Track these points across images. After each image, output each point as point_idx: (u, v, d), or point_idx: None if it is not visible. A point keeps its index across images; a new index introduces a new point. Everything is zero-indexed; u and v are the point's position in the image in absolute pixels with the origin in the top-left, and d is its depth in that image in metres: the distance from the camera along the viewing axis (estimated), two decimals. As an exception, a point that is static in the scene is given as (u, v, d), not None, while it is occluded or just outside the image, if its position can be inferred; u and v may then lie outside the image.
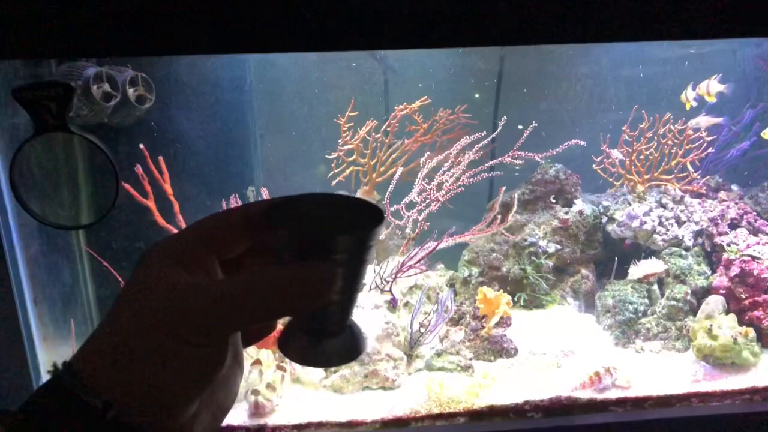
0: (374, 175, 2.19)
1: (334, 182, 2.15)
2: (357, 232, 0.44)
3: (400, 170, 2.02)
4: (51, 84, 1.32)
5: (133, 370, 0.41)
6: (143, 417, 0.41)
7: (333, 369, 1.83)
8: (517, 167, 1.98)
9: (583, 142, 1.90)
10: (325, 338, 0.48)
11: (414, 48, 1.21)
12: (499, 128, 1.92)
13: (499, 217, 2.03)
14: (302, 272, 0.43)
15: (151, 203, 1.87)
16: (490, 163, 1.97)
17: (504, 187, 2.06)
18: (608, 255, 2.25)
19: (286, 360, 1.83)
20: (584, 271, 2.21)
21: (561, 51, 2.18)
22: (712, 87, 2.02)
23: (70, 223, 1.86)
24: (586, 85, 2.34)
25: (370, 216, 0.47)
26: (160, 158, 1.83)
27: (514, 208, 2.06)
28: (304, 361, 0.49)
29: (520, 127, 1.92)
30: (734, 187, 2.24)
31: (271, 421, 1.68)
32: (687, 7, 1.18)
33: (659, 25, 1.23)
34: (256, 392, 1.69)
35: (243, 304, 0.42)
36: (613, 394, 1.76)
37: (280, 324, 0.51)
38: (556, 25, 1.20)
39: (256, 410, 1.68)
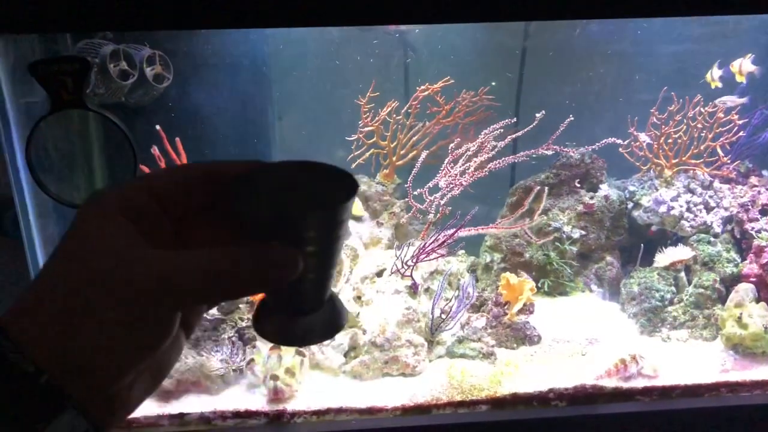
0: (394, 158, 2.15)
1: (353, 165, 2.11)
2: (326, 208, 0.42)
3: (424, 153, 1.98)
4: (67, 59, 1.30)
5: (69, 334, 0.38)
6: (77, 383, 0.38)
7: (353, 355, 1.80)
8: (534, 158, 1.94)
9: (620, 141, 1.85)
10: (302, 316, 0.47)
11: (428, 23, 1.17)
12: (535, 122, 1.87)
13: (525, 204, 1.98)
14: (264, 254, 0.41)
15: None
16: (514, 157, 1.93)
17: (538, 188, 2.02)
18: (633, 241, 2.20)
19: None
20: (609, 258, 2.15)
21: (589, 28, 2.12)
22: (744, 66, 1.96)
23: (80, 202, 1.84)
24: (612, 65, 2.28)
25: (343, 188, 0.44)
26: (177, 139, 1.80)
27: (540, 209, 2.02)
28: (282, 340, 0.48)
29: (539, 115, 1.86)
30: (765, 173, 2.18)
31: (290, 406, 1.65)
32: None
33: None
34: (275, 377, 1.67)
35: (197, 284, 0.40)
36: (639, 383, 1.72)
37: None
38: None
39: (275, 395, 1.66)
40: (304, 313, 0.47)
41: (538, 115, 1.86)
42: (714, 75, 2.01)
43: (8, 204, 1.45)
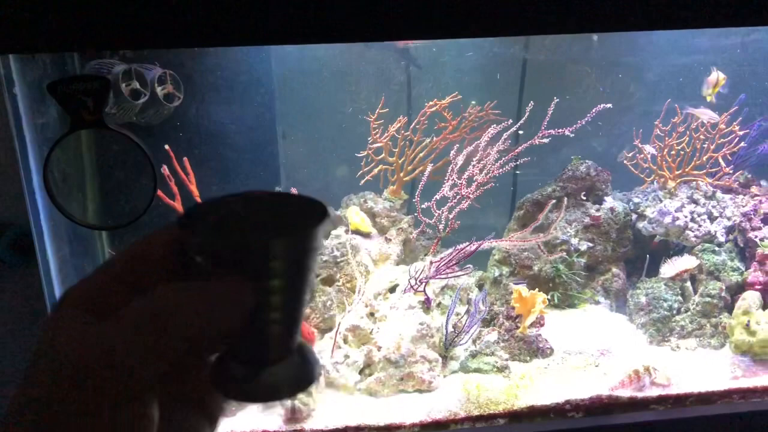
0: (402, 174, 2.15)
1: (362, 182, 2.11)
2: (293, 234, 0.37)
3: (430, 167, 1.99)
4: (87, 78, 1.28)
5: None
6: None
7: (368, 372, 1.79)
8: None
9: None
10: (267, 366, 0.40)
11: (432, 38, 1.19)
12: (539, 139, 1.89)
13: (539, 218, 2.00)
14: (215, 288, 0.38)
15: (177, 204, 1.82)
16: (516, 151, 1.94)
17: (552, 201, 2.03)
18: (637, 253, 2.23)
19: (321, 363, 1.78)
20: (615, 270, 2.17)
21: (589, 40, 2.15)
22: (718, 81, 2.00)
23: (98, 224, 1.82)
24: (616, 77, 2.31)
25: (313, 214, 0.39)
26: (185, 159, 1.79)
27: (555, 226, 2.03)
28: (242, 396, 0.40)
29: (544, 133, 1.88)
30: (763, 183, 2.22)
31: (308, 425, 1.64)
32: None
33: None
34: (292, 396, 1.65)
35: (152, 334, 0.37)
36: (653, 392, 1.73)
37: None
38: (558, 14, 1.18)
39: (293, 415, 1.64)
40: (268, 363, 0.40)
41: (540, 140, 1.88)
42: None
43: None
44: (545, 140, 1.87)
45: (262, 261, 0.37)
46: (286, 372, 0.41)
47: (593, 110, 1.80)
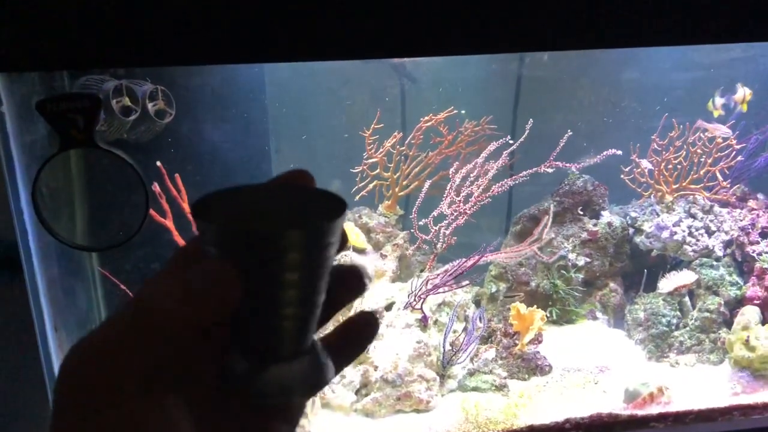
0: (397, 189, 2.13)
1: (357, 197, 2.09)
2: (311, 224, 0.36)
3: (427, 183, 1.96)
4: (77, 96, 1.24)
5: None
6: None
7: (364, 392, 1.75)
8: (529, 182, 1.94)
9: (619, 152, 1.86)
10: (278, 363, 0.39)
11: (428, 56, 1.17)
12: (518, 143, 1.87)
13: (535, 233, 1.98)
14: (208, 271, 0.36)
15: (169, 223, 1.78)
16: (518, 176, 1.92)
17: (547, 217, 2.01)
18: (634, 268, 2.21)
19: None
20: (612, 285, 2.16)
21: (585, 55, 2.15)
22: (746, 95, 2.00)
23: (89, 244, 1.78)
24: (610, 92, 2.31)
25: (330, 206, 0.38)
26: (177, 176, 1.76)
27: (546, 230, 2.01)
28: (253, 394, 0.39)
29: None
30: (760, 196, 2.21)
31: (303, 448, 1.60)
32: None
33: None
34: (287, 418, 1.61)
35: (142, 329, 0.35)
36: (654, 410, 1.70)
37: None
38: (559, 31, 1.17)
39: (288, 438, 1.60)
40: (280, 359, 0.39)
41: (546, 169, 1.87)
42: (716, 103, 2.05)
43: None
44: (550, 170, 1.86)
45: (276, 252, 0.35)
46: (299, 370, 0.39)
47: (603, 153, 1.80)
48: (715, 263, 2.04)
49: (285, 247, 0.35)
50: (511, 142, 1.90)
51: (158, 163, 1.72)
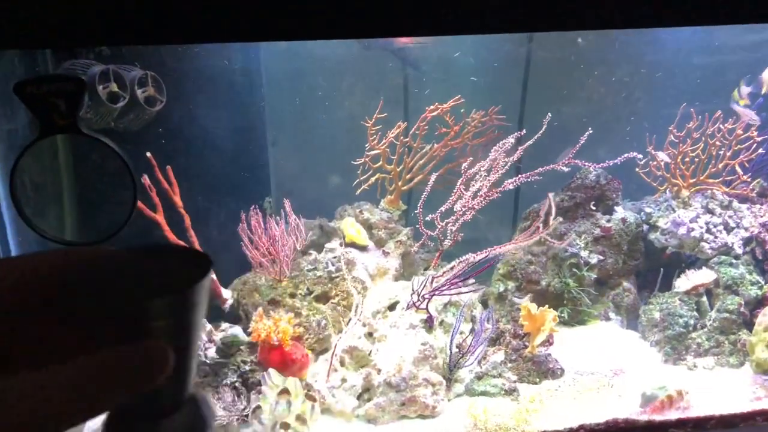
0: (400, 183, 2.03)
1: (358, 191, 1.99)
2: (177, 290, 0.36)
3: (433, 176, 1.86)
4: (60, 78, 1.14)
5: None
6: None
7: (366, 397, 1.66)
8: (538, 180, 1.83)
9: (639, 155, 1.76)
10: (156, 419, 0.40)
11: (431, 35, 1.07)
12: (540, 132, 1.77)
13: (541, 224, 1.88)
14: (110, 359, 0.34)
15: (159, 217, 1.69)
16: (533, 173, 1.82)
17: (553, 204, 1.91)
18: (648, 266, 2.11)
19: (316, 387, 1.66)
20: (626, 284, 2.06)
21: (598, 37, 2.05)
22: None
23: (73, 238, 1.68)
24: (625, 77, 2.21)
25: (196, 267, 0.38)
26: (168, 168, 1.66)
27: (553, 214, 1.90)
28: None
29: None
30: (779, 191, 2.13)
31: (303, 457, 1.51)
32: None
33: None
34: (285, 425, 1.52)
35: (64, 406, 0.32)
36: (672, 415, 1.62)
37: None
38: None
39: (287, 446, 1.51)
40: (159, 416, 0.40)
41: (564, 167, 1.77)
42: (742, 92, 1.95)
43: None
44: (567, 168, 1.76)
45: (150, 318, 0.36)
46: (177, 424, 0.40)
47: (623, 156, 1.71)
48: (734, 261, 1.95)
49: (159, 312, 0.36)
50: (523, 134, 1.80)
51: (148, 154, 1.62)
